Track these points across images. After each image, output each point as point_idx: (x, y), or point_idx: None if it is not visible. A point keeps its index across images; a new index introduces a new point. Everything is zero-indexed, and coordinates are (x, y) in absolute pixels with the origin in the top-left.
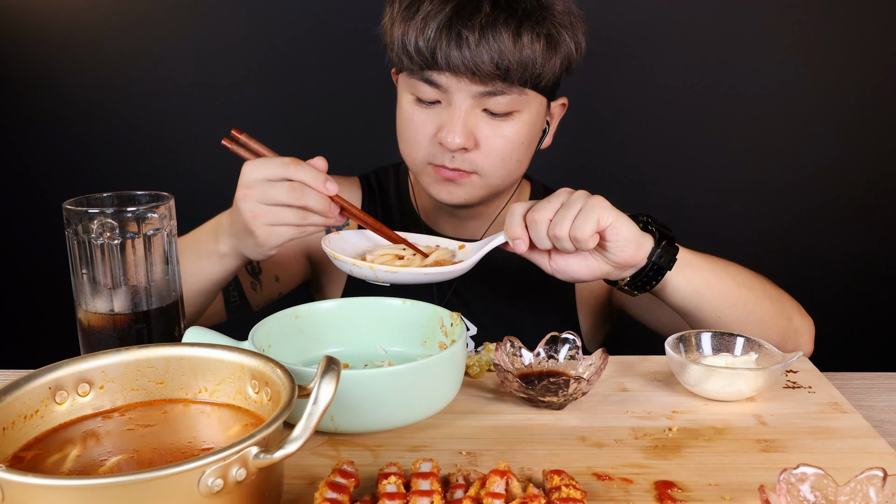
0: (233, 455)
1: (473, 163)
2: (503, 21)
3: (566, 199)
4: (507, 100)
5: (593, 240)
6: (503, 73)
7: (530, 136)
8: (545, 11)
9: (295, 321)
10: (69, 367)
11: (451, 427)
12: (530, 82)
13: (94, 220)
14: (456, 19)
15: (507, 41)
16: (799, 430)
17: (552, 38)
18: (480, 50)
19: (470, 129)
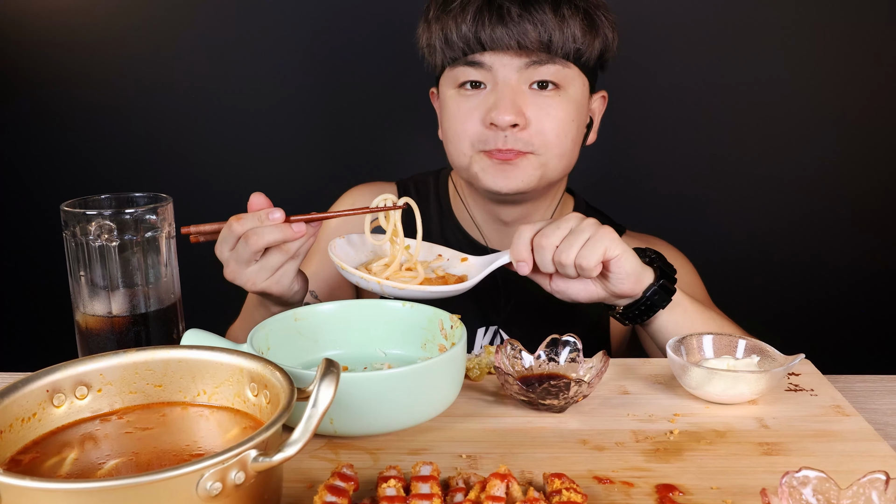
0: (231, 458)
1: (527, 142)
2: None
3: (575, 225)
4: (553, 70)
5: (598, 269)
6: (546, 44)
7: (578, 117)
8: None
9: (294, 323)
10: (67, 369)
11: (451, 430)
12: (573, 55)
13: (92, 221)
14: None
15: (549, 13)
16: (801, 433)
17: (590, 16)
18: (523, 21)
19: (519, 105)
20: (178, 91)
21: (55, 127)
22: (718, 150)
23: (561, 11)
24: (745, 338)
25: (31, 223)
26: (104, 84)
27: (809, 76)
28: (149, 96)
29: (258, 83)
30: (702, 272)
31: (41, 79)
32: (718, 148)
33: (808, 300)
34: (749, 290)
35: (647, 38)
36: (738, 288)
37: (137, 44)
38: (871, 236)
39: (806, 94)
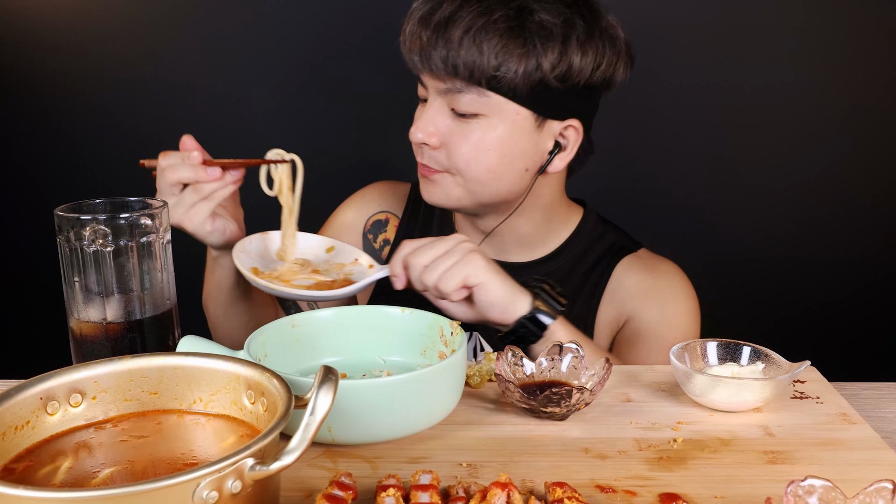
0: (228, 467)
1: (439, 162)
2: (457, 18)
3: (450, 247)
4: (469, 99)
5: (457, 294)
6: (452, 70)
7: (503, 148)
8: (515, 13)
9: (292, 330)
10: (61, 377)
11: (451, 438)
12: (486, 83)
13: (87, 226)
14: (421, 19)
15: (455, 39)
16: (807, 441)
17: (512, 40)
18: (431, 46)
19: (436, 126)
20: (174, 94)
21: (49, 131)
22: (724, 155)
23: (468, 37)
24: (750, 345)
25: (24, 228)
26: (99, 87)
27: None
28: (145, 100)
29: (256, 85)
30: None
31: (35, 82)
32: (724, 153)
33: (814, 306)
34: (754, 295)
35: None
36: (743, 293)
37: (134, 47)
38: (879, 241)
39: (815, 98)
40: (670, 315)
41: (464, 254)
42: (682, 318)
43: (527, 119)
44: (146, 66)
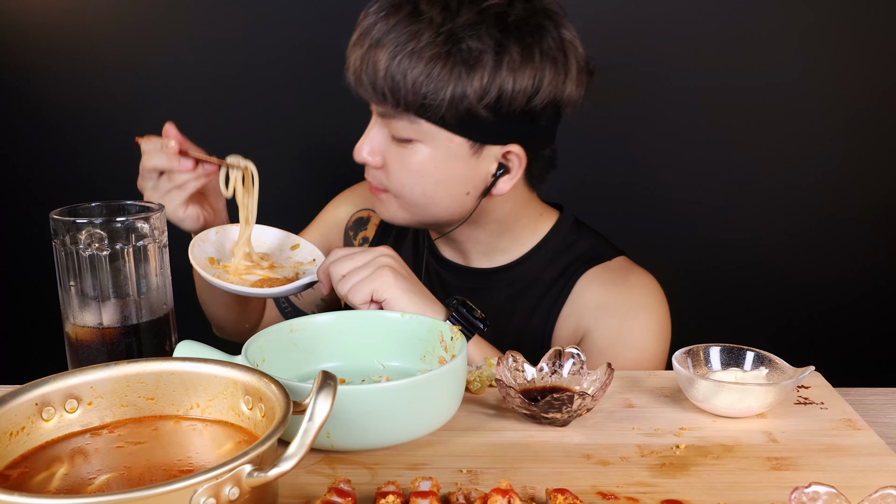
0: (226, 473)
1: (381, 181)
2: (385, 44)
3: (366, 260)
4: (401, 125)
5: (366, 307)
6: (380, 96)
7: (438, 174)
8: (444, 39)
9: (290, 335)
10: (56, 382)
11: (452, 444)
12: (414, 110)
13: (83, 230)
14: (357, 39)
15: (381, 65)
16: (811, 447)
17: (438, 65)
18: (361, 69)
19: (376, 146)
20: (170, 97)
21: (44, 133)
22: (723, 158)
23: (393, 65)
24: (753, 350)
25: (19, 231)
26: (94, 90)
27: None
28: (141, 103)
29: (253, 88)
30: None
31: (30, 84)
32: (723, 155)
33: (818, 310)
34: (757, 300)
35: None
36: (746, 298)
37: (127, 48)
38: (883, 245)
39: (815, 101)
40: (626, 333)
41: (375, 268)
42: (640, 336)
43: (461, 146)
44: (142, 67)
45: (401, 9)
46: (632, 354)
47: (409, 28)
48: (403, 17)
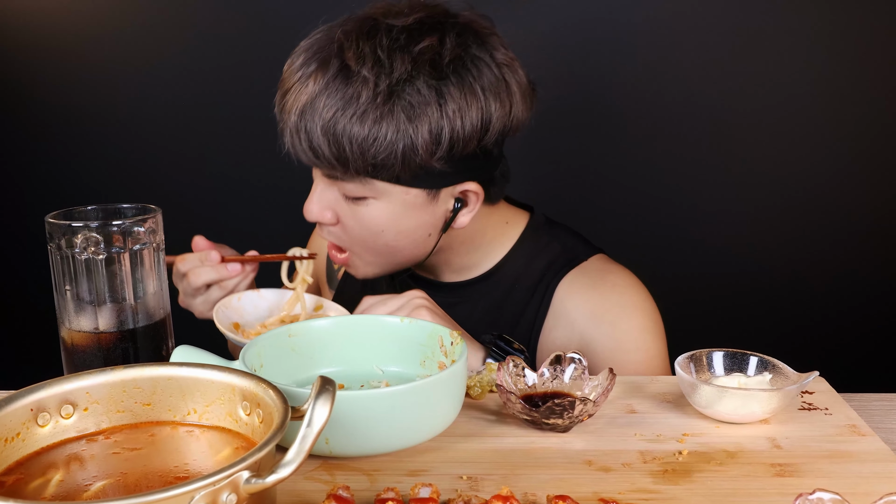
0: (223, 480)
1: (339, 237)
2: (322, 107)
3: (401, 304)
4: (352, 186)
5: None
6: (324, 162)
7: (397, 226)
8: (383, 98)
9: (288, 340)
10: (52, 387)
11: (452, 450)
12: (364, 172)
13: (78, 234)
14: (287, 106)
15: (321, 129)
16: (815, 453)
17: (383, 126)
18: (299, 137)
19: (327, 203)
20: (166, 101)
21: (39, 136)
22: (728, 160)
23: (336, 130)
24: (757, 355)
25: (14, 235)
26: (91, 93)
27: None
28: (136, 106)
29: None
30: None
31: (26, 88)
32: (728, 157)
33: (823, 315)
34: (761, 304)
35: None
36: (750, 303)
37: (123, 52)
38: (889, 250)
39: (821, 103)
40: (624, 336)
41: (411, 310)
42: (638, 336)
43: (418, 196)
44: (138, 71)
45: (328, 67)
46: (637, 356)
47: (344, 91)
48: (334, 78)
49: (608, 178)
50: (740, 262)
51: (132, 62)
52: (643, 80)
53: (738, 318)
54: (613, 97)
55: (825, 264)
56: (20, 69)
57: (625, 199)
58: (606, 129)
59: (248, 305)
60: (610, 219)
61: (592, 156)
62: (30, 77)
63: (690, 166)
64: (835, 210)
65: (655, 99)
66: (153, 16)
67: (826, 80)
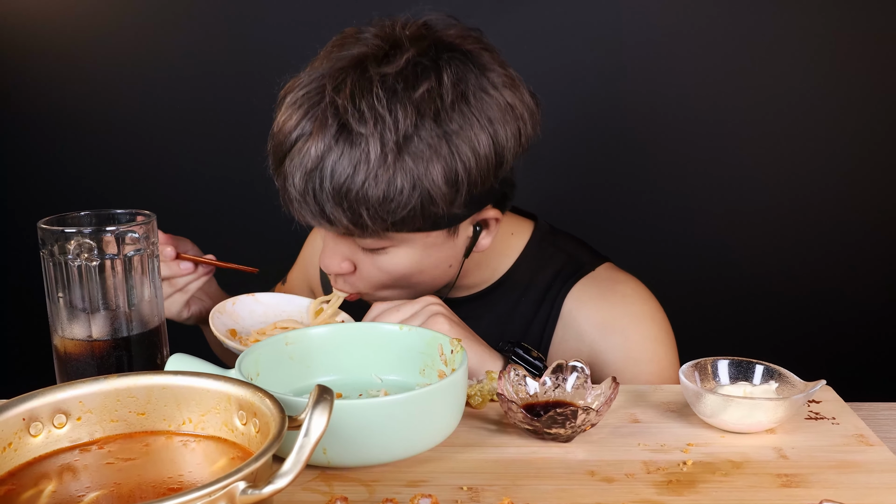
0: (219, 490)
1: (354, 285)
2: (328, 170)
3: (416, 310)
4: (370, 241)
5: None
6: (341, 229)
7: (420, 266)
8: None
9: (285, 348)
10: (44, 396)
11: (452, 461)
12: (382, 229)
13: (71, 240)
14: (286, 167)
15: (334, 201)
16: (822, 463)
17: (398, 183)
18: (306, 202)
19: (344, 254)
20: (160, 106)
21: (32, 141)
22: (734, 167)
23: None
24: (763, 363)
25: (6, 241)
26: (84, 97)
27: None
28: (130, 111)
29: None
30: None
31: (18, 92)
32: (734, 165)
33: (830, 323)
34: (768, 312)
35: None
36: (755, 310)
37: (118, 56)
38: None
39: (825, 109)
40: (635, 347)
41: (428, 316)
42: (650, 346)
43: (438, 236)
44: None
45: (325, 128)
46: (648, 367)
47: (350, 153)
48: (336, 141)
49: (611, 184)
50: (745, 269)
51: (126, 67)
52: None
53: (743, 326)
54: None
55: (832, 271)
56: (12, 72)
57: (629, 205)
58: (610, 137)
59: (244, 311)
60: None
61: (595, 162)
62: (22, 80)
63: (694, 173)
64: (842, 217)
65: (659, 106)
66: (147, 19)
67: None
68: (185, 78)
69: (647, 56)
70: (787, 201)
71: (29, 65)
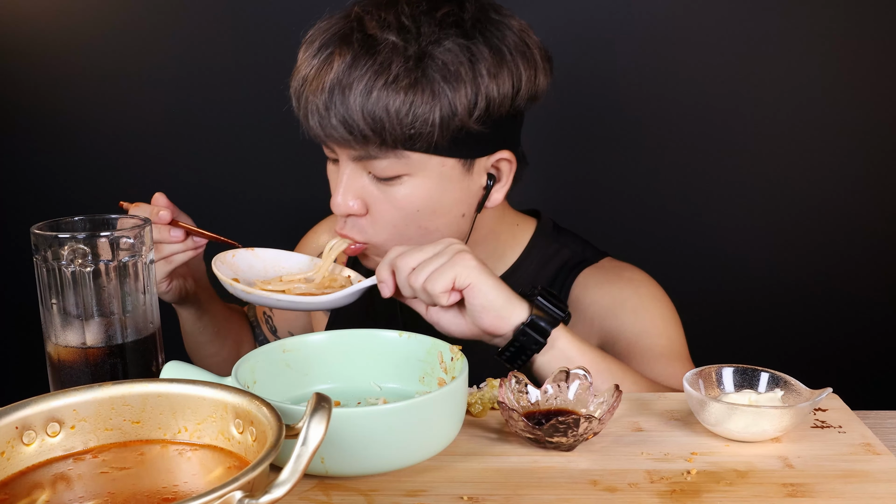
0: (215, 500)
1: (363, 231)
2: (354, 80)
3: (440, 250)
4: (386, 163)
5: (446, 297)
6: (359, 138)
7: (434, 203)
8: (416, 62)
9: (282, 355)
10: (38, 405)
11: (452, 470)
12: (402, 144)
13: (65, 245)
14: (310, 82)
15: (355, 103)
16: (828, 472)
17: (420, 92)
18: (329, 115)
19: (357, 192)
20: (155, 110)
21: (25, 144)
22: (737, 170)
23: (371, 99)
24: (768, 371)
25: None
26: (78, 101)
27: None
28: (125, 114)
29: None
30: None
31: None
32: (737, 168)
33: (836, 330)
34: (773, 319)
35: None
36: (760, 317)
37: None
38: None
39: (837, 110)
40: (647, 323)
41: (453, 254)
42: (660, 324)
43: (454, 167)
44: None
45: (350, 42)
46: (661, 341)
47: (373, 60)
48: (361, 51)
49: (614, 189)
50: (749, 275)
51: (120, 70)
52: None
53: (747, 334)
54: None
55: (838, 278)
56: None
57: (632, 209)
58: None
59: (243, 264)
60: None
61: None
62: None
63: (699, 176)
64: (849, 223)
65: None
66: (143, 23)
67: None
68: (181, 82)
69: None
70: (793, 207)
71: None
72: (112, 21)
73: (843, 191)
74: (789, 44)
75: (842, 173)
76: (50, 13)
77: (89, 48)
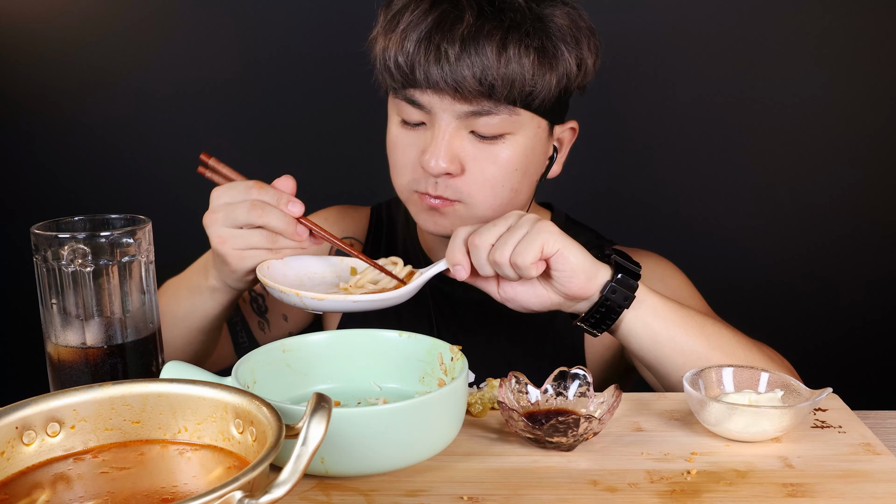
0: (215, 500)
1: (458, 190)
2: (487, 32)
3: (513, 222)
4: (497, 121)
5: (535, 267)
6: (487, 89)
7: (526, 163)
8: (538, 23)
9: (282, 355)
10: (38, 405)
11: (452, 470)
12: (521, 101)
13: (65, 245)
14: (436, 31)
15: (491, 54)
16: (828, 473)
17: (545, 52)
18: (461, 64)
19: (455, 152)
20: (155, 107)
21: (25, 144)
22: (739, 169)
23: (507, 54)
24: (767, 370)
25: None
26: (77, 99)
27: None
28: (124, 112)
29: (240, 99)
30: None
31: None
32: (739, 166)
33: (836, 330)
34: (773, 319)
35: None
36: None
37: (111, 57)
38: None
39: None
40: (677, 287)
41: (532, 223)
42: (689, 289)
43: (545, 130)
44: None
45: None
46: (694, 302)
47: (504, 16)
48: (487, 4)
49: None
50: (749, 275)
51: (120, 70)
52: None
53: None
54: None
55: (837, 278)
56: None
57: (631, 210)
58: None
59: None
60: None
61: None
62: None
63: (702, 176)
64: (850, 224)
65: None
66: (144, 22)
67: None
68: (181, 81)
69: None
70: (795, 206)
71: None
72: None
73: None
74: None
75: (843, 174)
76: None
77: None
